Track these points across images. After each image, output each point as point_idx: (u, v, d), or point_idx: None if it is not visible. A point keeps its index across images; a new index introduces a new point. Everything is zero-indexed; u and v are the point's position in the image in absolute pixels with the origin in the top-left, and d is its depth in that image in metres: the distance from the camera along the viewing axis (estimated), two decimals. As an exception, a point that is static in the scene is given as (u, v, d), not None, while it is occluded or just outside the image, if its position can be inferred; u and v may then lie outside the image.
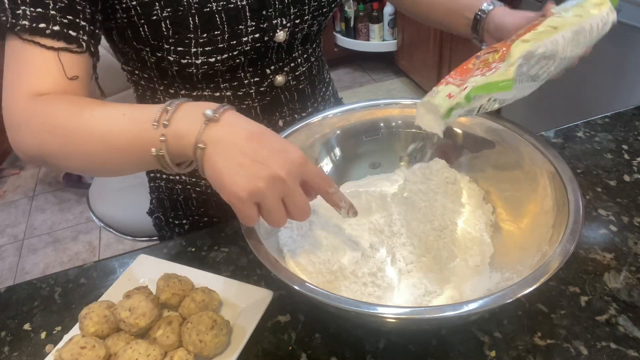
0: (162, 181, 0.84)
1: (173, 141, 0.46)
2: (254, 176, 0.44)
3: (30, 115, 0.53)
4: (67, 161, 0.54)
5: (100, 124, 0.50)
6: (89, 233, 2.23)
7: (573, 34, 0.56)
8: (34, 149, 0.54)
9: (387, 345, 0.58)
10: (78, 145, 0.51)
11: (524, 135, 0.63)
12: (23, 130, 0.54)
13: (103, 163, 0.52)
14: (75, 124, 0.51)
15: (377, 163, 0.73)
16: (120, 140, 0.49)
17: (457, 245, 0.61)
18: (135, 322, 0.55)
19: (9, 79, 0.55)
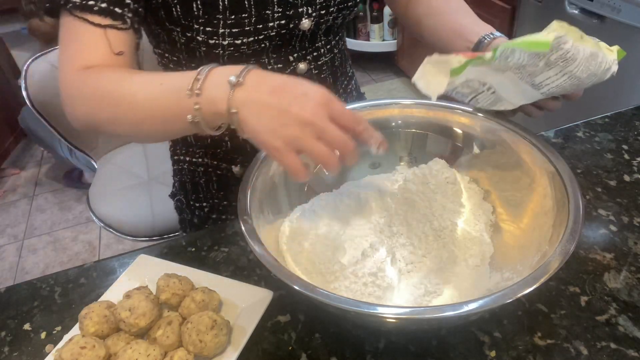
0: (185, 164, 0.86)
1: (207, 108, 0.50)
2: (282, 125, 0.46)
3: (81, 86, 0.58)
4: (115, 128, 0.59)
5: (141, 94, 0.55)
6: (89, 233, 2.23)
7: (591, 54, 0.56)
8: (86, 118, 0.59)
9: (387, 345, 0.58)
10: (123, 114, 0.56)
11: (524, 135, 0.63)
12: (76, 100, 0.59)
13: (147, 130, 0.57)
14: (119, 94, 0.56)
15: (377, 163, 0.73)
16: (160, 109, 0.53)
17: (457, 245, 0.61)
18: (135, 322, 0.55)
19: (64, 54, 0.60)
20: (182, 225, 0.95)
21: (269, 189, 0.64)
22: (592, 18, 1.52)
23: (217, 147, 0.81)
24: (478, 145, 0.69)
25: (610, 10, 1.45)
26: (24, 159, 2.77)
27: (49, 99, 1.50)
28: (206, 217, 0.88)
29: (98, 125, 0.59)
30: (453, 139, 0.70)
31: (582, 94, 0.63)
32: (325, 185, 0.71)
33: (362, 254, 0.59)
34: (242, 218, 0.55)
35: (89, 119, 0.59)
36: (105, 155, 1.71)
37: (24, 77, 1.46)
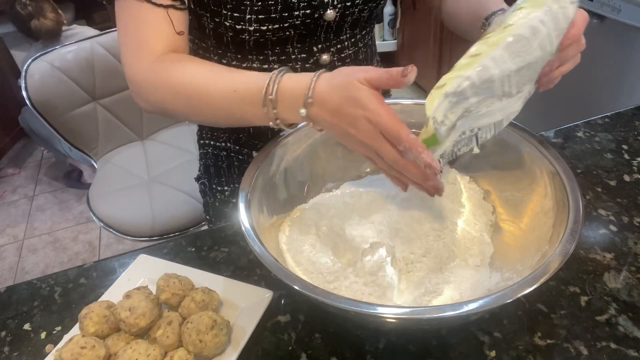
0: (210, 147, 0.88)
1: (284, 121, 0.56)
2: (350, 143, 0.54)
3: (153, 75, 0.61)
4: (190, 119, 0.65)
5: (217, 97, 0.58)
6: (89, 233, 2.23)
7: (505, 49, 0.50)
8: (157, 104, 0.63)
9: (387, 345, 0.58)
10: (199, 111, 0.61)
11: (524, 135, 0.63)
12: (146, 88, 0.62)
13: (221, 123, 0.67)
14: (194, 92, 0.59)
15: (377, 163, 0.73)
16: (237, 113, 0.58)
17: (457, 245, 0.61)
18: (135, 322, 0.55)
19: (127, 39, 0.63)
20: (206, 209, 0.98)
21: (269, 189, 0.64)
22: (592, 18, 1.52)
23: (240, 132, 0.82)
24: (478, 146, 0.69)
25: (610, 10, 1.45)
26: (24, 159, 2.77)
27: (49, 99, 1.50)
28: (227, 200, 0.90)
29: (171, 114, 0.63)
30: (453, 139, 0.70)
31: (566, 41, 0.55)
32: (325, 185, 0.71)
33: (362, 254, 0.59)
34: (242, 218, 0.55)
35: (162, 108, 0.63)
36: (105, 156, 1.71)
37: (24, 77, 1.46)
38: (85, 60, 1.57)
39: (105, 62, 1.60)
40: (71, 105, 1.56)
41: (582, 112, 1.07)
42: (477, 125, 0.55)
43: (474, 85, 0.49)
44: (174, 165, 1.64)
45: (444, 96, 0.49)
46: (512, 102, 0.55)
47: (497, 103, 0.53)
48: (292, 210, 0.67)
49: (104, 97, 1.64)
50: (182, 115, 0.63)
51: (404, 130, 0.49)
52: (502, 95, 0.53)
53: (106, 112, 1.66)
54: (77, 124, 1.60)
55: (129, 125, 1.75)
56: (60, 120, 1.55)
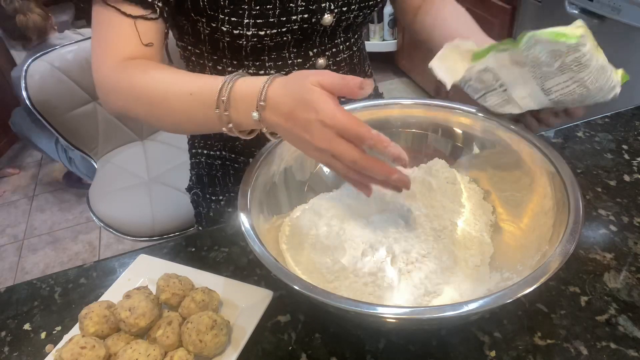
0: (203, 157, 0.87)
1: (237, 127, 0.55)
2: (306, 149, 0.52)
3: (116, 82, 0.61)
4: (152, 123, 0.63)
5: (173, 101, 0.58)
6: (89, 233, 2.23)
7: (602, 67, 0.55)
8: (122, 111, 0.63)
9: (387, 345, 0.58)
10: (159, 115, 0.60)
11: (524, 135, 0.63)
12: (111, 94, 0.63)
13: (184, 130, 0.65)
14: (153, 97, 0.59)
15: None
16: (193, 117, 0.58)
17: (457, 245, 0.61)
18: (135, 322, 0.55)
19: (96, 44, 0.63)
20: (198, 219, 0.96)
21: (269, 189, 0.64)
22: (592, 18, 1.52)
23: (235, 140, 0.82)
24: (478, 145, 0.69)
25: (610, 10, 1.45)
26: (24, 159, 2.77)
27: (49, 99, 1.50)
28: (222, 210, 0.89)
29: (134, 117, 0.63)
30: (453, 139, 0.70)
31: (582, 113, 0.62)
32: (325, 185, 0.71)
33: (362, 254, 0.59)
34: (242, 218, 0.55)
35: (125, 112, 0.63)
36: (105, 156, 1.71)
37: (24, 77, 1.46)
38: (85, 60, 1.57)
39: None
40: (71, 105, 1.56)
41: (582, 112, 1.07)
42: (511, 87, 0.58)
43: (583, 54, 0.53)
44: (174, 165, 1.64)
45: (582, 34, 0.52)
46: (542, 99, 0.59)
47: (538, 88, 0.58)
48: (292, 210, 0.67)
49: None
50: (143, 120, 0.62)
51: (363, 127, 0.48)
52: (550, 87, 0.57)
53: (106, 112, 1.66)
54: (77, 124, 1.60)
55: (129, 125, 1.75)
56: (60, 120, 1.55)
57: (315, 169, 0.71)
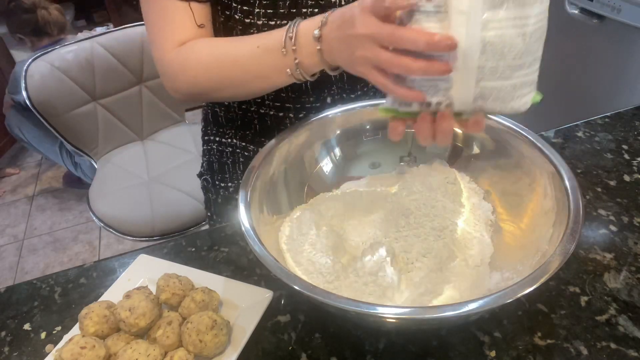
0: (215, 144, 0.88)
1: (306, 60, 0.57)
2: (352, 53, 0.50)
3: (183, 61, 0.65)
4: (220, 92, 0.67)
5: (242, 58, 0.61)
6: (89, 233, 2.23)
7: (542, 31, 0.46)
8: (191, 89, 0.66)
9: (387, 345, 0.58)
10: (229, 79, 0.64)
11: (524, 135, 0.63)
12: (179, 76, 0.66)
13: (253, 87, 0.65)
14: (223, 61, 0.63)
15: (377, 163, 0.73)
16: (263, 67, 0.60)
17: (457, 245, 0.61)
18: (135, 322, 0.55)
19: (155, 32, 0.66)
20: (207, 205, 0.97)
21: (269, 189, 0.64)
22: (592, 18, 1.52)
23: (246, 128, 0.82)
24: (478, 145, 0.69)
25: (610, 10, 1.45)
26: (24, 159, 2.77)
27: (49, 99, 1.50)
28: (230, 197, 0.90)
29: (204, 92, 0.66)
30: (453, 139, 0.70)
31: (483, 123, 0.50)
32: (325, 185, 0.71)
33: (362, 254, 0.59)
34: (242, 218, 0.55)
35: (195, 89, 0.66)
36: (105, 156, 1.71)
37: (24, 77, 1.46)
38: (85, 60, 1.57)
39: (105, 62, 1.60)
40: (71, 105, 1.56)
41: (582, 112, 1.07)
42: None
43: None
44: (174, 165, 1.64)
45: None
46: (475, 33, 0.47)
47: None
48: (292, 210, 0.67)
49: (104, 97, 1.64)
50: (215, 89, 0.65)
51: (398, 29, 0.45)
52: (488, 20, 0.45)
53: (106, 112, 1.66)
54: (77, 124, 1.60)
55: (129, 125, 1.75)
56: (60, 120, 1.55)
57: (315, 168, 0.71)
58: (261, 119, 0.80)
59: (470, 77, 0.46)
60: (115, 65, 1.62)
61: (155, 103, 1.74)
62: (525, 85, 0.47)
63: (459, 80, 0.46)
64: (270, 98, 0.77)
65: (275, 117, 0.78)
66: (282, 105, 0.77)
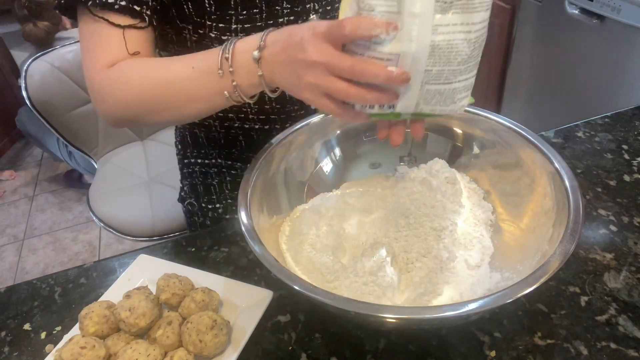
0: (197, 166, 0.86)
1: (243, 82, 0.54)
2: (299, 77, 0.48)
3: (111, 86, 0.60)
4: (153, 116, 0.61)
5: (177, 80, 0.57)
6: (89, 233, 2.23)
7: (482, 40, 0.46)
8: (121, 112, 0.61)
9: (387, 345, 0.58)
10: (164, 102, 0.59)
11: (524, 135, 0.63)
12: (107, 99, 0.60)
13: (189, 111, 0.60)
14: (156, 84, 0.58)
15: (377, 163, 0.73)
16: (199, 90, 0.57)
17: (457, 245, 0.61)
18: (135, 322, 0.55)
19: (86, 53, 0.62)
20: (193, 230, 0.95)
21: (269, 189, 0.64)
22: (592, 18, 1.52)
23: (231, 146, 0.81)
24: (478, 145, 0.69)
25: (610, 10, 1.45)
26: (24, 159, 2.77)
27: (49, 99, 1.50)
28: (219, 218, 0.88)
29: (136, 117, 0.61)
30: (453, 139, 0.70)
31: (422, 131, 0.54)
32: (325, 185, 0.71)
33: (362, 254, 0.59)
34: (242, 218, 0.55)
35: (126, 114, 0.61)
36: (105, 155, 1.71)
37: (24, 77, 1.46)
38: (85, 60, 1.57)
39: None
40: (71, 105, 1.56)
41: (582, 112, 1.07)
42: None
43: None
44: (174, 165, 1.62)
45: None
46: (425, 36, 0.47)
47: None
48: (292, 210, 0.67)
49: None
50: (148, 113, 0.60)
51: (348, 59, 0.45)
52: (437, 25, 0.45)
53: (106, 112, 1.66)
54: (77, 124, 1.60)
55: (129, 125, 1.75)
56: (60, 120, 1.55)
57: (315, 168, 0.71)
58: (246, 135, 0.78)
59: (416, 81, 0.46)
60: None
61: (155, 103, 1.74)
62: (465, 89, 0.48)
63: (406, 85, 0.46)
64: (254, 112, 0.75)
65: (261, 131, 0.77)
66: (267, 118, 0.76)
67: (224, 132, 0.79)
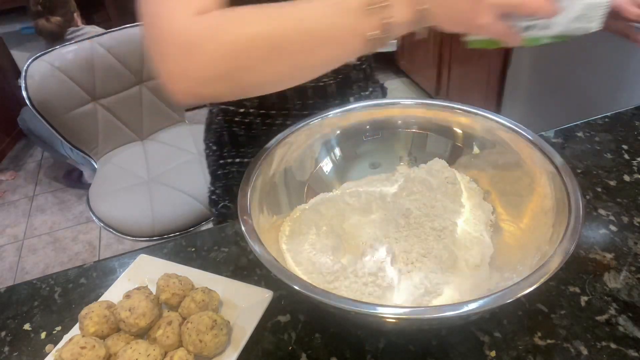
0: (234, 166, 0.83)
1: (398, 18, 0.47)
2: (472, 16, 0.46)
3: (211, 28, 0.47)
4: (256, 73, 0.48)
5: (305, 18, 0.47)
6: (89, 233, 2.23)
7: None
8: (213, 72, 0.47)
9: (387, 345, 0.58)
10: (279, 49, 0.47)
11: (524, 135, 0.63)
12: (200, 51, 0.47)
13: (306, 64, 0.50)
14: (273, 25, 0.47)
15: (377, 163, 0.73)
16: (332, 31, 0.48)
17: (457, 245, 0.61)
18: (135, 322, 0.55)
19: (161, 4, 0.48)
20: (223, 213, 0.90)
21: (269, 189, 0.64)
22: (592, 18, 1.52)
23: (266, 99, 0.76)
24: (478, 145, 0.69)
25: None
26: (24, 159, 2.77)
27: (49, 99, 1.50)
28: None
29: (232, 76, 0.48)
30: (453, 139, 0.70)
31: None
32: (325, 185, 0.71)
33: (362, 254, 0.59)
34: (242, 218, 0.55)
35: (220, 71, 0.47)
36: (105, 155, 1.71)
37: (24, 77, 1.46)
38: (85, 60, 1.57)
39: (105, 62, 1.60)
40: (71, 105, 1.56)
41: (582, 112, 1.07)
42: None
43: None
44: (174, 165, 1.64)
45: None
46: None
47: None
48: (292, 210, 0.67)
49: (104, 97, 1.64)
50: (252, 65, 0.48)
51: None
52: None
53: (106, 112, 1.66)
54: (77, 124, 1.60)
55: (129, 125, 1.75)
56: (60, 120, 1.55)
57: (315, 168, 0.71)
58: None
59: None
60: (115, 65, 1.62)
61: (155, 103, 1.74)
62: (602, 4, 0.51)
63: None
64: (297, 107, 0.73)
65: None
66: (311, 114, 0.71)
67: (265, 129, 0.77)
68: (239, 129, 0.79)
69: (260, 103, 0.77)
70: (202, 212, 1.47)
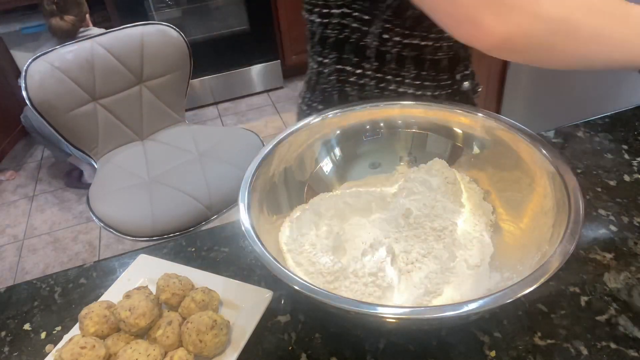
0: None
1: None
2: None
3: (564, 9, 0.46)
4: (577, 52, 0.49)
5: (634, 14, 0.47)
6: (89, 233, 2.23)
7: None
8: (547, 41, 0.47)
9: (387, 345, 0.58)
10: (605, 44, 0.48)
11: (524, 135, 0.63)
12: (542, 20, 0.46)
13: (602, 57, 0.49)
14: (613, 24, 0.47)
15: (377, 163, 0.73)
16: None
17: (457, 245, 0.61)
18: (135, 322, 0.55)
19: None
20: None
21: (269, 189, 0.64)
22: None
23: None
24: (478, 145, 0.69)
25: (610, 10, 1.45)
26: (24, 159, 2.77)
27: (49, 99, 1.50)
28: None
29: (546, 41, 0.47)
30: (453, 139, 0.70)
31: None
32: (325, 185, 0.71)
33: (362, 254, 0.59)
34: (242, 218, 0.55)
35: (539, 30, 0.46)
36: (105, 155, 1.71)
37: (24, 77, 1.46)
38: (85, 60, 1.57)
39: (105, 62, 1.60)
40: (71, 105, 1.56)
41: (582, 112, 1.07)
42: None
43: None
44: (174, 165, 1.64)
45: None
46: None
47: None
48: (292, 210, 0.67)
49: (104, 97, 1.64)
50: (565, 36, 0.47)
51: None
52: None
53: (106, 112, 1.66)
54: (77, 124, 1.60)
55: (129, 125, 1.75)
56: (60, 120, 1.55)
57: (315, 168, 0.71)
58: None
59: None
60: (115, 65, 1.62)
61: (155, 103, 1.74)
62: None
63: None
64: (412, 76, 0.73)
65: (413, 97, 0.73)
66: (422, 84, 0.73)
67: (377, 93, 0.76)
68: (351, 89, 0.78)
69: (379, 67, 0.76)
70: (202, 212, 1.47)
